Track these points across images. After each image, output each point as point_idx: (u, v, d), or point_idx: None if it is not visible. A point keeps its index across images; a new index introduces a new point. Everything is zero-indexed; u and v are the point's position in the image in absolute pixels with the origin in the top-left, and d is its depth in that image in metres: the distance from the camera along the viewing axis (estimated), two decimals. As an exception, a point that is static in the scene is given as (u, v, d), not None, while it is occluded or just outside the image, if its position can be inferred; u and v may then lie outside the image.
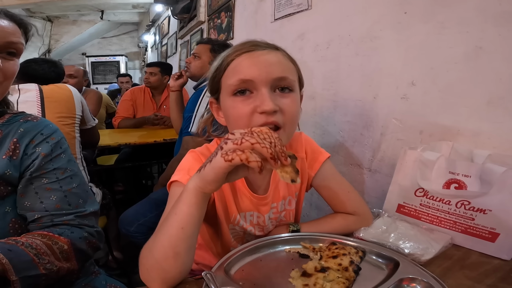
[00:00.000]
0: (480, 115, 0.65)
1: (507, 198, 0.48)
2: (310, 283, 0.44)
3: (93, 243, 0.57)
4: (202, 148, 0.57)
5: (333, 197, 0.62)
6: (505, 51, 0.60)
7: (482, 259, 0.52)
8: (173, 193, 0.52)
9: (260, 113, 0.46)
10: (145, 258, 0.44)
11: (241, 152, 0.33)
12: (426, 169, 0.55)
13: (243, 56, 0.48)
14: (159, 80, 2.12)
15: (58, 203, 0.54)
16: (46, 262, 0.47)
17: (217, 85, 0.52)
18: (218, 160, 0.34)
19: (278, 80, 0.47)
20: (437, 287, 0.40)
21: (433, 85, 0.73)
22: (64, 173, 0.56)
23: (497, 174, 0.48)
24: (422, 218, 0.58)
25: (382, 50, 0.87)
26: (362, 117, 0.92)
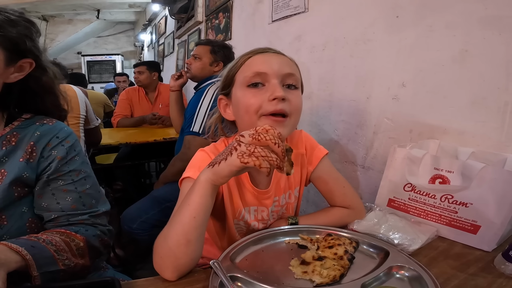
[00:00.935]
0: (465, 115, 0.69)
1: (486, 192, 0.52)
2: (308, 270, 0.48)
3: (105, 241, 0.59)
4: (210, 147, 0.62)
5: (330, 191, 0.66)
6: (489, 53, 0.64)
7: (465, 250, 0.55)
8: (185, 188, 0.55)
9: (271, 100, 0.51)
10: (160, 246, 0.47)
11: (256, 158, 0.38)
12: (414, 165, 0.59)
13: (258, 55, 0.55)
14: (148, 77, 2.19)
15: (74, 204, 0.56)
16: (64, 258, 0.49)
17: (230, 80, 0.57)
18: (234, 160, 0.40)
19: (287, 75, 0.54)
20: (422, 275, 0.43)
21: (422, 86, 0.77)
22: (78, 174, 0.58)
23: (477, 169, 0.52)
24: (410, 211, 0.62)
25: (375, 53, 0.90)
26: (356, 117, 0.96)
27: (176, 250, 0.45)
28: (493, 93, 0.64)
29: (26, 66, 0.54)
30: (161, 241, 0.47)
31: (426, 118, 0.76)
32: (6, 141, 0.53)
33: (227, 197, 0.60)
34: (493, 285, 0.44)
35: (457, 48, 0.69)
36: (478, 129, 0.67)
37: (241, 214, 0.62)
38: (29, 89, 0.58)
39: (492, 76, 0.64)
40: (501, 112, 0.63)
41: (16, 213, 0.53)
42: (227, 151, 0.42)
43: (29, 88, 0.58)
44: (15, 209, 0.53)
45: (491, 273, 0.47)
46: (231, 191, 0.60)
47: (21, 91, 0.57)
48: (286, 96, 0.52)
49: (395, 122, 0.84)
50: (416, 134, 0.78)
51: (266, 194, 0.62)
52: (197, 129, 1.20)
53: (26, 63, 0.54)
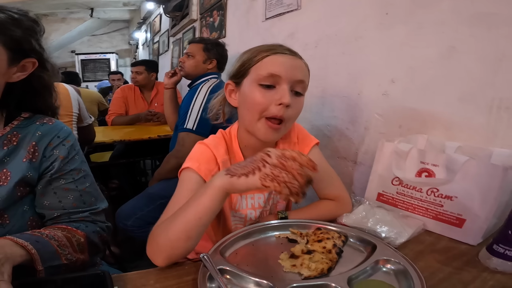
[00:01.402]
0: (452, 110, 0.70)
1: (470, 186, 0.53)
2: (297, 264, 0.49)
3: (104, 237, 0.60)
4: (209, 140, 0.63)
5: (319, 180, 0.67)
6: (476, 50, 0.65)
7: (451, 244, 0.55)
8: (184, 178, 0.57)
9: (277, 104, 0.54)
10: (158, 235, 0.48)
11: (277, 184, 0.38)
12: (400, 159, 0.60)
13: (277, 55, 0.56)
14: (146, 78, 2.16)
15: (75, 202, 0.57)
16: (67, 253, 0.50)
17: (244, 72, 0.58)
18: (255, 180, 0.40)
19: (298, 82, 0.56)
20: (408, 268, 0.44)
21: (411, 82, 0.78)
22: (79, 173, 0.59)
23: (460, 163, 0.53)
24: (398, 205, 0.64)
25: (366, 49, 0.91)
26: (347, 113, 0.97)
27: (175, 243, 0.46)
28: (481, 89, 0.65)
29: (29, 66, 0.53)
30: (161, 231, 0.48)
31: (415, 114, 0.77)
32: (7, 141, 0.53)
33: None
34: (477, 279, 0.45)
35: (445, 45, 0.70)
36: (466, 124, 0.68)
37: (237, 203, 0.63)
38: (30, 88, 0.57)
39: (479, 72, 0.65)
40: (488, 108, 0.64)
41: (18, 212, 0.54)
42: (250, 167, 0.41)
43: (31, 87, 0.57)
44: (17, 208, 0.53)
45: (476, 267, 0.48)
46: None
47: (22, 90, 0.56)
48: (291, 103, 0.54)
49: (385, 118, 0.85)
50: (406, 129, 0.79)
51: None
52: (190, 126, 1.20)
53: (29, 62, 0.53)
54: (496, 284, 0.43)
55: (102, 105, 2.67)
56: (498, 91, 0.62)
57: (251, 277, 0.44)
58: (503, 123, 0.62)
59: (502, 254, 0.46)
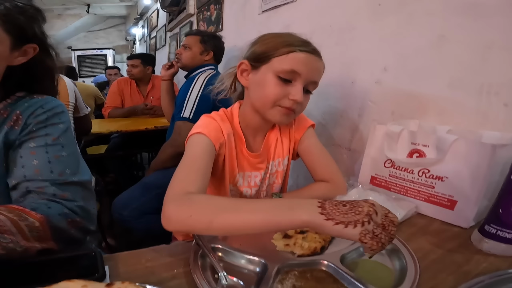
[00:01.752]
0: (443, 96, 0.70)
1: (460, 165, 0.52)
2: (290, 243, 0.49)
3: (77, 223, 0.49)
4: (213, 114, 0.63)
5: (314, 162, 0.68)
6: (464, 38, 0.66)
7: (443, 227, 0.55)
8: (195, 141, 0.57)
9: (290, 99, 0.57)
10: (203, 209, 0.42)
11: (375, 243, 0.34)
12: (392, 141, 0.60)
13: (304, 54, 0.56)
14: (142, 71, 2.12)
15: (38, 169, 0.49)
16: (8, 242, 0.39)
17: (265, 58, 0.58)
18: (355, 234, 0.34)
19: (312, 83, 0.59)
20: (401, 248, 0.44)
21: (403, 70, 0.79)
22: (56, 140, 0.52)
23: (449, 142, 0.52)
24: (391, 188, 0.63)
25: (359, 40, 0.91)
26: (341, 101, 0.98)
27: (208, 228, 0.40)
28: (470, 75, 0.65)
29: (30, 51, 0.54)
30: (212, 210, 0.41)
31: (407, 100, 0.78)
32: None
33: (227, 160, 0.62)
34: (470, 261, 0.44)
35: (435, 34, 0.71)
36: (456, 109, 0.68)
37: (235, 179, 0.64)
38: (31, 71, 0.57)
39: (468, 59, 0.65)
40: (477, 93, 0.64)
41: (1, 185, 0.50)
42: (352, 217, 0.35)
43: (32, 71, 0.57)
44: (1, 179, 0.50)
45: (469, 250, 0.47)
46: (231, 155, 0.62)
47: (23, 73, 0.56)
48: (302, 100, 0.57)
49: (378, 105, 0.86)
50: (398, 116, 0.80)
51: (258, 157, 0.65)
52: (187, 114, 1.19)
53: (30, 48, 0.53)
54: (489, 266, 0.43)
55: (99, 99, 2.63)
56: (488, 77, 0.63)
57: (243, 254, 0.44)
58: (493, 108, 0.63)
59: (494, 235, 0.45)
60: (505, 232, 0.44)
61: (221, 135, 0.59)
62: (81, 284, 0.32)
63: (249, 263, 0.43)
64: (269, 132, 0.68)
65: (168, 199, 0.45)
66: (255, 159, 0.65)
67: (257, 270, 0.42)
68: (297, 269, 0.42)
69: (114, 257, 0.46)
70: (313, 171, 0.69)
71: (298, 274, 0.41)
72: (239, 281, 0.39)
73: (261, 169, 0.67)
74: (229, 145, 0.61)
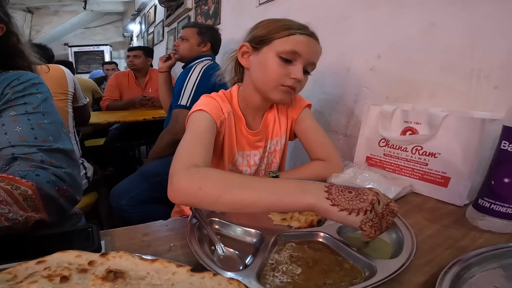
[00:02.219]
0: (435, 81, 0.71)
1: (452, 141, 0.52)
2: (287, 217, 0.48)
3: (64, 191, 0.47)
4: (214, 95, 0.64)
5: (310, 140, 0.69)
6: (454, 26, 0.67)
7: (438, 205, 0.54)
8: (198, 117, 0.57)
9: (291, 78, 0.58)
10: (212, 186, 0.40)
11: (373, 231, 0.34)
12: (386, 120, 0.59)
13: (304, 36, 0.58)
14: (144, 62, 2.13)
15: (22, 135, 0.47)
16: (7, 212, 0.37)
17: (267, 40, 0.59)
18: (356, 221, 0.35)
19: (311, 64, 0.61)
20: (397, 221, 0.44)
21: (395, 57, 0.79)
22: (36, 108, 0.51)
23: (440, 117, 0.52)
24: (386, 167, 0.63)
25: (353, 28, 0.92)
26: (337, 88, 0.98)
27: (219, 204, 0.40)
28: (460, 60, 0.66)
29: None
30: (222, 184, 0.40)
31: (400, 85, 0.78)
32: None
33: (227, 138, 0.62)
34: (466, 237, 0.44)
35: (426, 22, 0.72)
36: (447, 92, 0.69)
37: (235, 157, 0.64)
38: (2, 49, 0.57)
39: (457, 45, 0.66)
40: (468, 77, 0.65)
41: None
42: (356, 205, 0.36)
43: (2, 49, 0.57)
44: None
45: (464, 226, 0.47)
46: (231, 133, 0.62)
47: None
48: (302, 79, 0.59)
49: (373, 91, 0.86)
50: (392, 100, 0.80)
51: (257, 135, 0.66)
52: (184, 102, 1.18)
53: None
54: (485, 242, 0.42)
55: (96, 93, 2.59)
56: (477, 62, 0.63)
57: (240, 227, 0.43)
58: (484, 90, 0.63)
59: (488, 209, 0.44)
60: (499, 206, 0.43)
61: (221, 113, 0.60)
62: (75, 254, 0.32)
63: (246, 234, 0.43)
64: (268, 112, 0.68)
65: (176, 171, 0.43)
66: (254, 137, 0.66)
67: (253, 241, 0.42)
68: (294, 241, 0.42)
69: (110, 233, 0.45)
70: (309, 150, 0.69)
71: (295, 245, 0.41)
72: (236, 251, 0.38)
73: (260, 148, 0.67)
74: (229, 123, 0.62)
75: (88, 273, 0.29)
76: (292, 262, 0.37)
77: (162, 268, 0.31)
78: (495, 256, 0.35)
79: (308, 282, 0.33)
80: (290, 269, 0.35)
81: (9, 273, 0.28)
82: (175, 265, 0.31)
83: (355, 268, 0.36)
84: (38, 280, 0.27)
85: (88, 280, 0.28)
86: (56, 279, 0.28)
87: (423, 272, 0.35)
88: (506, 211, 0.43)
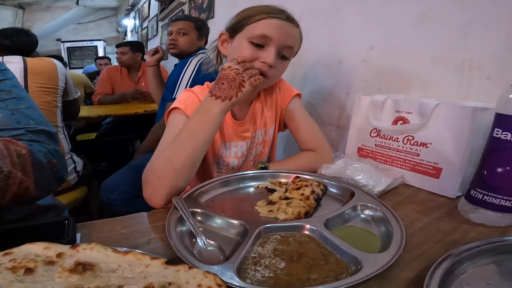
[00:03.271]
0: (426, 72, 0.69)
1: (443, 130, 0.51)
2: (274, 209, 0.46)
3: (53, 164, 0.48)
4: (195, 88, 0.65)
5: (300, 130, 0.67)
6: (445, 17, 0.65)
7: (429, 197, 0.53)
8: (173, 119, 0.59)
9: (261, 61, 0.56)
10: (160, 168, 0.48)
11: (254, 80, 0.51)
12: (377, 110, 0.58)
13: (274, 20, 0.56)
14: (131, 58, 2.09)
15: (5, 120, 0.47)
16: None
17: (240, 27, 0.58)
18: (248, 88, 0.51)
19: (286, 47, 0.58)
20: (387, 214, 0.42)
21: (387, 48, 0.78)
22: (8, 94, 0.50)
23: (431, 107, 0.51)
24: (378, 158, 0.61)
25: (345, 20, 0.90)
26: (330, 80, 0.96)
27: (180, 171, 0.47)
28: (451, 51, 0.65)
29: None
30: (164, 163, 0.48)
31: (393, 76, 0.77)
32: None
33: None
34: (457, 230, 0.42)
35: (417, 13, 0.71)
36: (440, 83, 0.68)
37: (220, 150, 0.63)
38: None
39: (449, 36, 0.65)
40: (459, 68, 0.64)
41: None
42: (236, 84, 0.50)
43: None
44: None
45: (456, 219, 0.45)
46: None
47: None
48: (275, 64, 0.57)
49: (365, 82, 0.85)
50: (384, 91, 0.79)
51: (243, 125, 0.64)
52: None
53: None
54: (478, 236, 0.40)
55: (88, 88, 2.54)
56: (469, 53, 0.62)
57: (224, 218, 0.41)
58: (476, 81, 0.62)
59: (480, 200, 0.42)
60: (491, 197, 0.41)
61: None
62: (43, 246, 0.30)
63: (229, 226, 0.40)
64: (255, 101, 0.66)
65: (143, 182, 0.49)
66: (240, 127, 0.64)
67: (237, 234, 0.39)
68: (279, 233, 0.40)
69: (88, 225, 0.43)
70: (299, 140, 0.67)
71: (280, 238, 0.39)
72: (218, 244, 0.36)
73: (247, 138, 0.65)
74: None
75: (55, 265, 0.28)
76: (276, 255, 0.35)
77: (135, 260, 0.29)
78: (487, 251, 0.33)
79: (291, 277, 0.31)
80: (273, 263, 0.33)
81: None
82: (149, 258, 0.30)
83: (341, 263, 0.34)
84: (1, 272, 0.26)
85: (55, 272, 0.27)
86: (20, 271, 0.26)
87: (412, 267, 0.34)
88: (500, 203, 0.41)
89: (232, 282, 0.28)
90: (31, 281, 0.26)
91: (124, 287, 0.26)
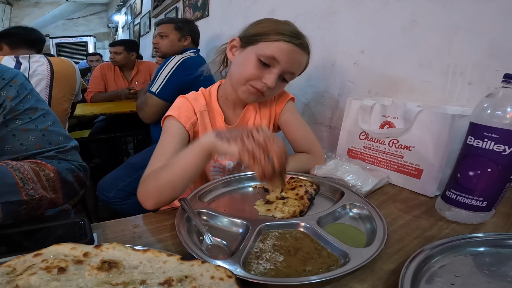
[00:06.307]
0: (413, 76, 0.74)
1: (425, 134, 0.55)
2: (271, 208, 0.50)
3: (80, 178, 0.54)
4: (190, 94, 0.66)
5: (293, 133, 0.70)
6: (433, 23, 0.69)
7: (411, 196, 0.57)
8: (167, 126, 0.61)
9: (262, 82, 0.59)
10: (149, 182, 0.50)
11: (253, 162, 0.38)
12: (366, 114, 0.62)
13: (289, 44, 0.58)
14: (126, 57, 2.07)
15: (38, 143, 0.51)
16: (30, 188, 0.44)
17: (254, 41, 0.60)
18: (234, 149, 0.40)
19: (290, 73, 0.61)
20: (372, 213, 0.46)
21: (378, 52, 0.82)
22: (35, 112, 0.53)
23: (414, 112, 0.55)
24: (366, 159, 0.66)
25: (339, 24, 0.93)
26: (322, 82, 1.00)
27: (162, 191, 0.48)
28: (438, 56, 0.69)
29: None
30: (151, 178, 0.51)
31: (382, 80, 0.81)
32: None
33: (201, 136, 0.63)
34: (434, 227, 0.46)
35: (407, 19, 0.74)
36: (425, 87, 0.72)
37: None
38: None
39: (436, 42, 0.69)
40: (444, 73, 0.68)
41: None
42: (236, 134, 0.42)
43: None
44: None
45: (433, 217, 0.49)
46: (205, 131, 0.63)
47: None
48: (274, 86, 0.59)
49: (356, 84, 0.89)
50: (374, 94, 0.83)
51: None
52: (154, 89, 1.21)
53: None
54: (451, 232, 0.44)
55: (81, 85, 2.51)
56: (453, 58, 0.66)
57: (227, 217, 0.45)
58: (458, 86, 0.66)
59: (454, 200, 0.46)
60: (464, 197, 0.46)
61: (192, 114, 0.62)
62: (70, 247, 0.33)
63: (232, 225, 0.45)
64: (248, 105, 0.69)
65: (140, 182, 0.52)
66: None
67: (239, 231, 0.44)
68: (277, 230, 0.44)
69: (101, 225, 0.46)
70: (292, 143, 0.70)
71: (278, 235, 0.43)
72: (223, 241, 0.40)
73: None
74: (202, 122, 0.63)
75: (83, 264, 0.31)
76: (275, 250, 0.39)
77: (154, 257, 0.33)
78: (457, 246, 0.37)
79: (289, 269, 0.35)
80: (273, 257, 0.37)
81: (8, 266, 0.29)
82: (166, 255, 0.33)
83: (332, 256, 0.38)
84: (37, 272, 0.28)
85: (84, 270, 0.30)
86: (54, 270, 0.29)
87: (393, 260, 0.38)
88: (471, 202, 0.45)
89: (239, 274, 0.32)
90: (65, 279, 0.28)
91: (147, 281, 0.29)
